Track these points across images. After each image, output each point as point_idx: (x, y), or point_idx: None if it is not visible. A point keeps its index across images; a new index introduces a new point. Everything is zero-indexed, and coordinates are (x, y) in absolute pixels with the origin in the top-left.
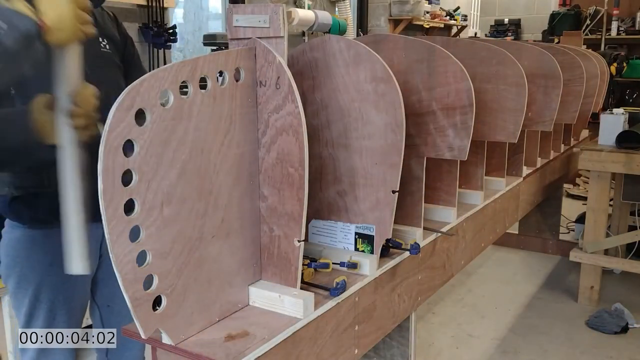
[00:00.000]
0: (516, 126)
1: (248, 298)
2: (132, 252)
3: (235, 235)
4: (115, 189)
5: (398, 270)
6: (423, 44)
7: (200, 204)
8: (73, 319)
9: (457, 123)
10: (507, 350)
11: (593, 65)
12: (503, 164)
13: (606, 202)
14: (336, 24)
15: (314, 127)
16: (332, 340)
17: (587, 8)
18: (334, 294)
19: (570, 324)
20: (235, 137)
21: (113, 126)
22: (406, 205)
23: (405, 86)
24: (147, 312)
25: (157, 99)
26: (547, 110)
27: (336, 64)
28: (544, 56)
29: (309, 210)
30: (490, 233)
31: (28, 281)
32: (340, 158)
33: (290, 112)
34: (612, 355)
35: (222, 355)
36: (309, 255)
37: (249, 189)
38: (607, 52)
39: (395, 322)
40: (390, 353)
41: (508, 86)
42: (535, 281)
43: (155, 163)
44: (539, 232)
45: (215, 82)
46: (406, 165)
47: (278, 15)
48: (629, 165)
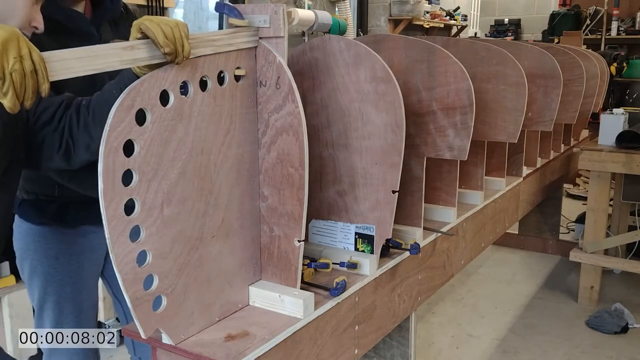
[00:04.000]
0: (516, 126)
1: (248, 298)
2: (132, 252)
3: (235, 235)
4: (116, 189)
5: (398, 270)
6: (423, 44)
7: (200, 204)
8: (83, 313)
9: (457, 123)
10: (507, 350)
11: (593, 65)
12: (503, 164)
13: (606, 202)
14: (336, 24)
15: (314, 127)
16: (332, 340)
17: (587, 8)
18: (334, 294)
19: (570, 324)
20: (235, 137)
21: (113, 126)
22: (406, 205)
23: (405, 86)
24: (147, 312)
25: (158, 99)
26: (547, 110)
27: (336, 64)
28: (544, 56)
29: (309, 210)
30: (490, 233)
31: (37, 273)
32: (340, 158)
33: (290, 112)
34: (612, 355)
35: (222, 355)
36: (309, 255)
37: (249, 189)
38: (607, 52)
39: (395, 322)
40: (390, 353)
41: (508, 86)
42: (535, 281)
43: (155, 163)
44: (539, 232)
45: (215, 82)
46: (406, 165)
47: (278, 15)
48: (629, 165)
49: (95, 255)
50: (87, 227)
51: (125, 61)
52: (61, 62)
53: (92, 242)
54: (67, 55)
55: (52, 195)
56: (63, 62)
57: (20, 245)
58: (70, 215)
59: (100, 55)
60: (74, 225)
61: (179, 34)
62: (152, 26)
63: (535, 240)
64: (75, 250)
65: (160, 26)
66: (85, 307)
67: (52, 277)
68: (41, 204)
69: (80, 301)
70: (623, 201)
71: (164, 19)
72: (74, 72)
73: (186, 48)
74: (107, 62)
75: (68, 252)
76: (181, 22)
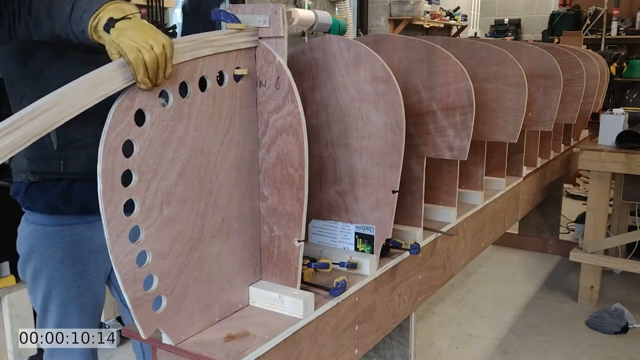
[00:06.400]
0: (516, 126)
1: (248, 298)
2: (132, 253)
3: (235, 235)
4: (115, 189)
5: (398, 270)
6: (423, 44)
7: (200, 204)
8: (86, 316)
9: (457, 123)
10: (507, 350)
11: (593, 65)
12: (503, 164)
13: (606, 202)
14: (336, 24)
15: (314, 127)
16: (332, 340)
17: (587, 8)
18: (334, 294)
19: (570, 324)
20: (235, 137)
21: (112, 126)
22: (406, 205)
23: (405, 86)
24: (147, 312)
25: (157, 99)
26: (547, 110)
27: (336, 64)
28: (544, 56)
29: (309, 210)
30: (490, 233)
31: (41, 276)
32: (340, 158)
33: (290, 112)
34: (612, 355)
35: (222, 355)
36: (309, 255)
37: (248, 189)
38: (607, 52)
39: (395, 322)
40: (390, 353)
41: (508, 86)
42: (535, 281)
43: (155, 163)
44: (539, 232)
45: (215, 82)
46: (406, 165)
47: (278, 15)
48: (629, 165)
49: (101, 257)
50: (92, 217)
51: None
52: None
53: (97, 242)
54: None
55: (58, 172)
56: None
57: (25, 249)
58: (75, 196)
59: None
60: (79, 210)
61: (163, 60)
62: (133, 55)
63: (535, 240)
64: (80, 253)
65: (143, 54)
66: (89, 310)
67: (57, 280)
68: (47, 186)
69: (85, 304)
70: (623, 201)
71: (150, 35)
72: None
73: (168, 72)
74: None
75: (73, 255)
76: (167, 41)
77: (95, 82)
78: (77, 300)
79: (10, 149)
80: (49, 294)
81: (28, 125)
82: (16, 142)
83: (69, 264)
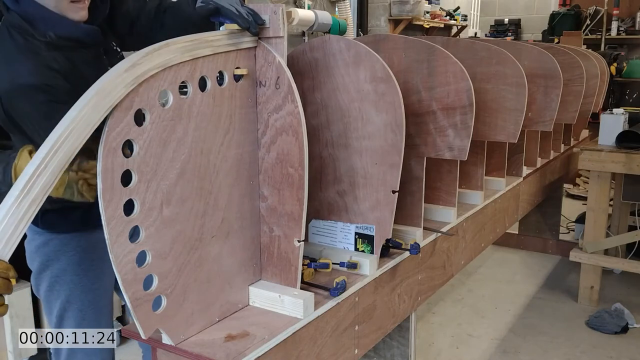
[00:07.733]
0: (516, 126)
1: (248, 298)
2: (132, 253)
3: (235, 235)
4: (115, 189)
5: (398, 270)
6: (423, 44)
7: (199, 204)
8: (103, 318)
9: (457, 123)
10: (507, 350)
11: (593, 65)
12: (503, 164)
13: (606, 202)
14: (336, 24)
15: (314, 127)
16: (332, 340)
17: (587, 8)
18: (334, 294)
19: (570, 324)
20: (234, 137)
21: (112, 126)
22: (406, 205)
23: (405, 86)
24: (147, 312)
25: (157, 99)
26: (547, 110)
27: (336, 64)
28: (544, 56)
29: (309, 210)
30: (490, 233)
31: (60, 284)
32: (340, 158)
33: (290, 112)
34: (612, 355)
35: (222, 355)
36: (309, 255)
37: (248, 189)
38: (607, 52)
39: (395, 322)
40: (390, 353)
41: (508, 86)
42: (535, 281)
43: (154, 163)
44: (539, 232)
45: (214, 82)
46: (406, 165)
47: (278, 15)
48: (629, 165)
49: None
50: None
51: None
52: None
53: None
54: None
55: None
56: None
57: (40, 259)
58: (93, 219)
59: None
60: (95, 226)
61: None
62: None
63: (535, 240)
64: (96, 255)
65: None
66: (105, 314)
67: (76, 284)
68: (66, 212)
69: (101, 307)
70: (623, 201)
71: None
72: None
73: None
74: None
75: (90, 257)
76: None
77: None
78: (94, 304)
79: (44, 191)
80: (68, 301)
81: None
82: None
83: (87, 267)
